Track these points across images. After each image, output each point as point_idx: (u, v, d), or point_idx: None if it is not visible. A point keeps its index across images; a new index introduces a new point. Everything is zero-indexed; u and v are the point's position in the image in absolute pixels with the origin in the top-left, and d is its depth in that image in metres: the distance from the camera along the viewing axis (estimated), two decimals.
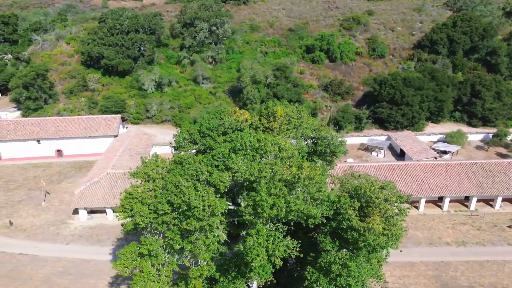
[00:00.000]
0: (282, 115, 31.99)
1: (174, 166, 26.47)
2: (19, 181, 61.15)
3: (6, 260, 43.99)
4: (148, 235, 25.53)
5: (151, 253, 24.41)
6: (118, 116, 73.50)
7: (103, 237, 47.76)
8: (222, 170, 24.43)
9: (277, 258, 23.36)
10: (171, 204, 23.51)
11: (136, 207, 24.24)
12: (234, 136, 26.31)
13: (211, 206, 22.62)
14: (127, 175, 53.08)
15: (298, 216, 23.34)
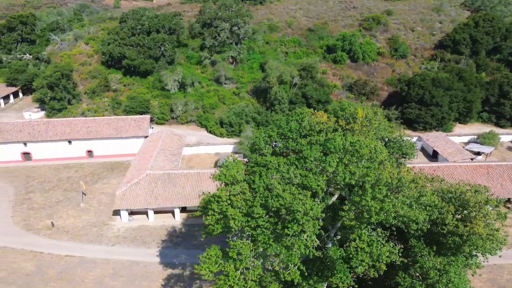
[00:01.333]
0: (363, 116, 31.72)
1: (257, 169, 26.19)
2: (54, 182, 60.98)
3: (54, 261, 43.81)
4: (235, 238, 25.23)
5: (240, 257, 24.11)
6: (147, 117, 73.30)
7: (147, 239, 47.56)
8: (316, 174, 24.17)
9: (382, 264, 23.11)
10: (264, 208, 23.25)
11: (229, 210, 23.90)
12: (318, 138, 25.93)
13: (313, 210, 22.38)
14: (167, 176, 53.12)
15: (403, 221, 23.08)
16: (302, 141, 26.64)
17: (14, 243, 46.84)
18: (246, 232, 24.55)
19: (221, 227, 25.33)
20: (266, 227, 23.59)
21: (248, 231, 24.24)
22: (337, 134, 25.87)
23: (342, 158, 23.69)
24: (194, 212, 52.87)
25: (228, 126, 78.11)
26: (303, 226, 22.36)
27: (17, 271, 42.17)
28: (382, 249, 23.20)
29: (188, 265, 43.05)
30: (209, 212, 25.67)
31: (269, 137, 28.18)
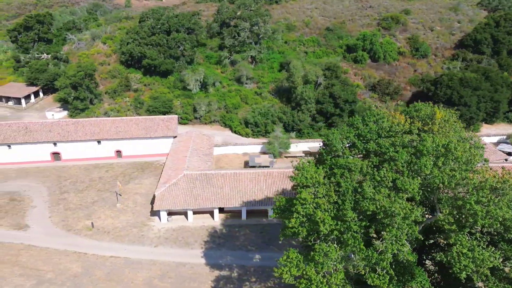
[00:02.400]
0: (442, 117, 31.45)
1: (338, 171, 25.91)
2: (86, 182, 60.80)
3: (100, 262, 43.66)
4: (320, 242, 24.96)
5: (325, 261, 23.81)
6: (175, 117, 73.08)
7: (189, 240, 47.37)
8: (409, 177, 23.88)
9: (485, 270, 22.79)
10: (355, 211, 23.01)
11: (318, 213, 23.62)
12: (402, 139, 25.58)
13: (413, 213, 22.14)
14: (204, 176, 52.93)
15: (508, 226, 22.75)
16: (385, 143, 26.21)
17: (56, 243, 46.69)
18: (333, 235, 24.25)
19: (306, 231, 25.01)
20: (356, 231, 23.35)
21: (335, 234, 23.98)
22: (427, 136, 25.52)
23: (436, 160, 23.39)
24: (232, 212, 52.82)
25: (254, 126, 77.84)
26: (402, 230, 22.10)
27: (64, 272, 42.03)
28: (484, 254, 22.87)
29: (234, 266, 42.87)
30: (294, 215, 25.34)
31: (346, 138, 27.86)
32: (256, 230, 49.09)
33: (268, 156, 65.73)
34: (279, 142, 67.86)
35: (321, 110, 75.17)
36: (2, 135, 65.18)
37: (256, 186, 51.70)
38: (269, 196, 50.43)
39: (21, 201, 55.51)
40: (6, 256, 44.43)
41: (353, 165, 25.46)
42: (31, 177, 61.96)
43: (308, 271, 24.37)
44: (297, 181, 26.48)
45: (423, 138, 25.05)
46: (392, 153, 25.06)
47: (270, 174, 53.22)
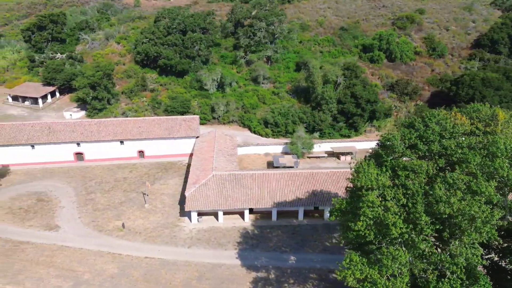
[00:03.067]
0: (505, 118, 31.21)
1: (402, 173, 25.64)
2: (111, 183, 60.70)
3: (135, 263, 43.56)
4: (387, 245, 24.73)
5: (392, 264, 23.56)
6: (196, 117, 72.94)
7: (222, 241, 47.23)
8: (483, 179, 23.61)
9: None
10: (428, 214, 22.79)
11: (389, 217, 23.38)
12: (465, 141, 25.27)
13: (494, 217, 21.95)
14: (233, 176, 52.83)
15: None
16: (450, 144, 25.82)
17: (89, 244, 46.60)
18: (403, 238, 24.03)
19: (373, 234, 24.80)
20: (428, 234, 23.15)
21: (406, 238, 23.76)
22: (499, 137, 25.25)
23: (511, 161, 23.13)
24: (261, 213, 52.67)
25: (274, 126, 77.64)
26: (481, 234, 21.90)
27: (101, 273, 41.94)
28: None
29: (271, 268, 42.74)
30: (361, 217, 25.12)
31: (408, 139, 27.58)
32: (287, 231, 48.95)
33: (291, 156, 65.55)
34: (302, 142, 67.67)
35: (343, 110, 74.94)
36: (26, 135, 65.15)
37: (285, 187, 51.56)
38: (300, 197, 50.30)
39: (48, 201, 55.44)
40: (41, 257, 44.38)
41: (418, 167, 25.25)
42: (56, 178, 61.89)
43: (372, 274, 24.17)
44: (362, 183, 26.04)
45: (495, 140, 24.84)
46: (461, 155, 24.81)
47: (300, 174, 53.06)
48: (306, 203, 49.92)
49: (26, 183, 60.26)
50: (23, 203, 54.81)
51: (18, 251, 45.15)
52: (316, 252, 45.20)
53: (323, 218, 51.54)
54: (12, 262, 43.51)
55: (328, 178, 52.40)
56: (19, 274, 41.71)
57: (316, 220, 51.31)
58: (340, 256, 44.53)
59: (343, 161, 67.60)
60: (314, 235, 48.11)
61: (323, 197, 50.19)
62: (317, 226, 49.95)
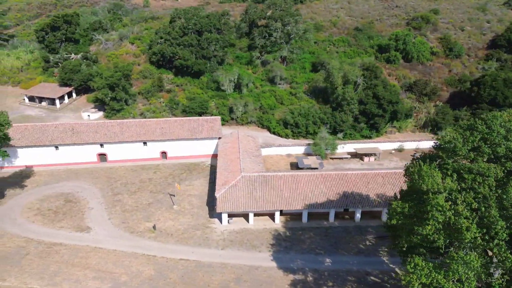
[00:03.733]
0: None
1: (468, 176, 25.30)
2: (137, 184, 60.61)
3: (171, 265, 43.43)
4: (456, 250, 24.53)
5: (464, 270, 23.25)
6: (218, 118, 72.82)
7: (255, 243, 47.08)
8: None
9: None
10: (502, 218, 22.55)
11: (462, 221, 23.18)
12: None
13: None
14: (262, 178, 52.68)
15: None
16: None
17: (123, 246, 46.52)
18: (476, 243, 23.79)
19: (443, 238, 24.56)
20: (503, 239, 22.96)
21: (479, 242, 23.55)
22: None
23: None
24: (291, 215, 52.52)
25: (294, 127, 77.47)
26: None
27: (138, 275, 41.85)
28: None
29: (308, 270, 42.58)
30: (430, 221, 24.92)
31: (471, 142, 27.28)
32: (319, 233, 48.78)
33: (315, 157, 65.37)
34: (326, 143, 67.49)
35: (364, 111, 74.74)
36: (50, 136, 65.11)
37: (316, 188, 51.38)
38: (331, 198, 50.12)
39: (76, 202, 55.38)
40: (76, 258, 44.30)
41: (486, 170, 24.98)
42: (81, 178, 61.83)
43: (439, 279, 23.97)
44: (429, 187, 25.66)
45: None
46: None
47: (329, 176, 52.87)
48: (337, 205, 49.74)
49: (51, 184, 60.22)
50: (51, 204, 54.77)
51: (52, 253, 45.08)
52: (351, 254, 45.03)
53: (354, 219, 51.39)
54: (48, 264, 43.46)
55: (359, 180, 52.21)
56: (55, 276, 41.63)
57: (347, 222, 51.14)
58: (375, 259, 44.57)
59: (366, 162, 67.39)
60: (346, 237, 47.95)
61: (354, 199, 50.01)
62: (349, 228, 49.78)
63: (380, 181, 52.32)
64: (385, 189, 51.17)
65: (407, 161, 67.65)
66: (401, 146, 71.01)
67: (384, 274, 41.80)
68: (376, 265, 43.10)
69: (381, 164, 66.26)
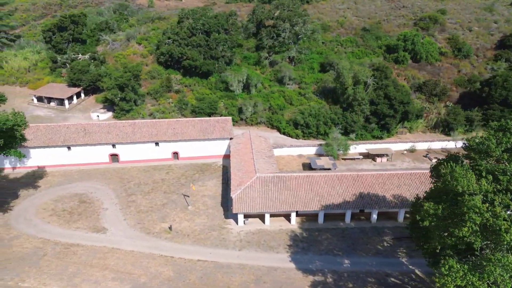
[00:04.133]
0: None
1: (503, 177, 25.11)
2: (150, 184, 60.49)
3: (189, 266, 43.28)
4: (492, 252, 24.38)
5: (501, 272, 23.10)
6: (229, 118, 72.71)
7: (272, 244, 46.93)
8: None
9: None
10: None
11: (501, 223, 23.01)
12: None
13: None
14: (277, 178, 52.55)
15: None
16: None
17: (140, 246, 46.41)
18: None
19: (480, 239, 24.41)
20: None
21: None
22: None
23: None
24: (307, 216, 52.37)
25: (304, 127, 77.35)
26: None
27: (157, 276, 41.73)
28: None
29: (327, 271, 42.44)
30: (467, 223, 24.77)
31: (505, 143, 27.05)
32: (336, 234, 48.65)
33: (328, 158, 65.24)
34: (338, 143, 67.35)
35: (375, 111, 74.60)
36: (62, 136, 65.03)
37: (332, 189, 51.25)
38: (347, 199, 49.98)
39: (91, 203, 55.29)
40: (94, 259, 44.19)
41: None
42: (94, 179, 61.74)
43: (474, 281, 23.83)
44: (464, 188, 25.46)
45: None
46: None
47: (345, 177, 52.72)
48: (354, 206, 49.60)
49: (64, 184, 60.12)
50: (66, 205, 54.67)
51: (70, 254, 44.98)
52: (370, 255, 44.89)
53: (370, 220, 51.26)
54: (66, 264, 43.34)
55: (375, 181, 52.09)
56: (74, 277, 41.52)
57: (363, 223, 51.00)
58: (394, 260, 44.42)
59: (378, 163, 67.24)
60: (364, 238, 47.81)
61: (370, 200, 49.87)
62: (366, 229, 49.64)
63: (396, 182, 52.17)
64: (401, 190, 51.04)
65: (420, 161, 68.47)
66: (413, 147, 70.87)
67: (404, 275, 41.67)
68: (396, 266, 42.97)
69: (394, 165, 66.12)
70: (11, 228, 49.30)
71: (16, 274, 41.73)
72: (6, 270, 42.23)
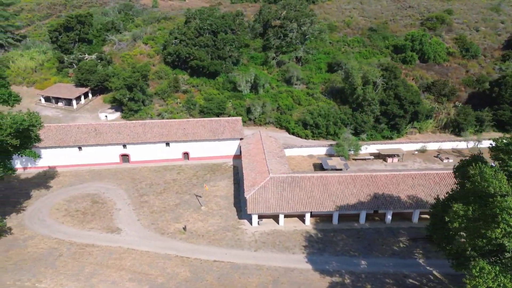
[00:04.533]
0: None
1: None
2: (162, 185, 60.37)
3: (206, 267, 43.14)
4: None
5: None
6: (239, 118, 72.58)
7: (287, 244, 46.80)
8: None
9: None
10: None
11: None
12: None
13: None
14: (291, 179, 52.44)
15: None
16: None
17: (155, 247, 46.27)
18: None
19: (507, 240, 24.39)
20: None
21: None
22: None
23: None
24: (320, 216, 52.23)
25: (314, 127, 77.21)
26: None
27: (174, 277, 41.59)
28: None
29: (344, 273, 42.29)
30: (500, 225, 24.66)
31: None
32: (351, 235, 48.51)
33: (339, 158, 65.09)
34: (349, 144, 67.21)
35: (386, 112, 74.46)
36: (73, 137, 64.93)
37: (346, 189, 51.11)
38: (362, 200, 49.84)
39: (103, 203, 55.17)
40: (110, 260, 44.08)
41: None
42: (105, 179, 61.64)
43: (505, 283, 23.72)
44: (496, 190, 25.31)
45: None
46: None
47: (359, 177, 52.57)
48: (369, 206, 49.48)
49: (76, 185, 60.03)
50: (78, 205, 54.57)
51: (86, 254, 44.87)
52: (386, 256, 44.76)
53: (385, 221, 51.13)
54: (82, 265, 43.23)
55: (389, 181, 51.94)
56: (91, 278, 41.41)
57: (377, 224, 50.87)
58: (411, 261, 44.29)
59: (389, 163, 67.10)
60: (379, 239, 47.69)
61: (385, 200, 49.75)
62: (380, 229, 49.52)
63: (410, 182, 52.04)
64: (416, 190, 50.90)
65: (431, 162, 68.32)
66: (423, 147, 70.69)
67: (422, 276, 41.52)
68: (413, 267, 42.84)
69: (405, 165, 65.98)
70: (26, 229, 49.22)
71: (32, 274, 41.65)
72: (23, 271, 42.15)
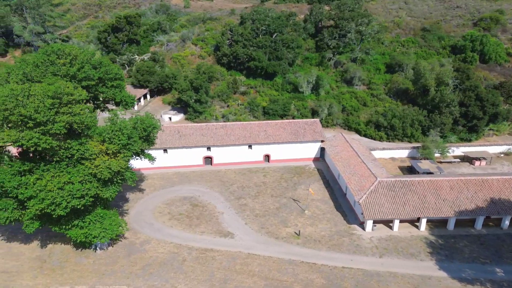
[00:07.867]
0: None
1: None
2: (253, 187, 59.17)
3: (338, 273, 41.73)
4: None
5: None
6: (317, 120, 71.24)
7: (411, 251, 45.43)
8: None
9: None
10: None
11: None
12: None
13: None
14: (401, 183, 51.11)
15: None
16: None
17: (275, 252, 44.86)
18: None
19: None
20: None
21: None
22: None
23: None
24: (432, 221, 50.84)
25: (389, 129, 75.82)
26: None
27: (310, 284, 40.18)
28: None
29: (484, 281, 40.86)
30: None
31: None
32: (473, 241, 47.10)
33: (429, 161, 63.68)
34: (436, 146, 65.82)
35: (465, 113, 73.01)
36: (159, 139, 63.81)
37: (460, 194, 49.72)
38: (479, 205, 48.46)
39: (203, 206, 53.98)
40: (236, 265, 42.83)
41: None
42: (194, 182, 60.49)
43: None
44: None
45: None
46: None
47: (471, 181, 51.05)
48: (487, 212, 48.10)
49: (168, 187, 58.90)
50: (179, 208, 53.41)
51: (209, 259, 43.63)
52: None
53: (501, 227, 49.72)
54: (210, 270, 41.99)
55: (502, 186, 50.50)
56: (225, 283, 40.15)
57: (494, 229, 49.46)
58: None
59: (477, 166, 65.66)
60: (504, 246, 46.26)
61: (503, 205, 48.37)
62: (501, 235, 48.10)
63: None
64: None
65: None
66: (509, 150, 69.20)
67: None
68: None
69: (494, 169, 64.53)
70: (138, 233, 48.05)
71: (165, 280, 40.45)
72: (153, 276, 40.97)
